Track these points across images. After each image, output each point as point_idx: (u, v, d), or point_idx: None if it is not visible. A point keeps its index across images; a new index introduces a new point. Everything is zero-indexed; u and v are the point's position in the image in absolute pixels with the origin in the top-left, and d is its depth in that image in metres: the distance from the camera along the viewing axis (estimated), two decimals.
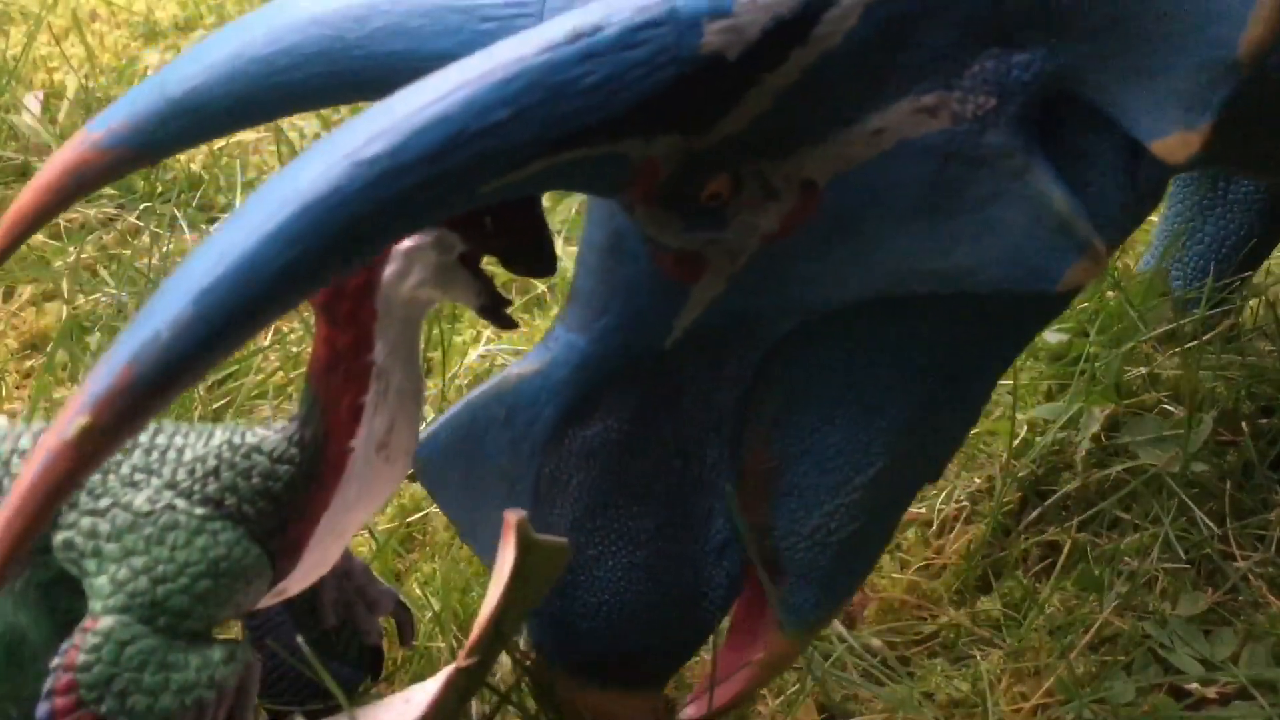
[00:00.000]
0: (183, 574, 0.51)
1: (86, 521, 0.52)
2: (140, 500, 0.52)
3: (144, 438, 0.54)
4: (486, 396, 0.57)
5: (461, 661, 0.55)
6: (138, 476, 0.53)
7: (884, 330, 0.54)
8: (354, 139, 0.44)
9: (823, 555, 0.57)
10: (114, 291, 0.95)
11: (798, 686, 0.67)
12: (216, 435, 0.54)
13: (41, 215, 0.53)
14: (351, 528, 0.55)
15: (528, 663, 0.61)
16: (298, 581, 0.56)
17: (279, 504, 0.53)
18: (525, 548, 0.54)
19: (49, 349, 0.89)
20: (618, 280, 0.54)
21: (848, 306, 0.54)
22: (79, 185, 0.53)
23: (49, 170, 0.53)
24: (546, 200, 1.07)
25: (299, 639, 0.58)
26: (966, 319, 0.55)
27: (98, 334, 0.92)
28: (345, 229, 0.43)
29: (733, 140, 0.49)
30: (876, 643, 0.70)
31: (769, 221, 0.51)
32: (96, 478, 0.52)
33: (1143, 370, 0.83)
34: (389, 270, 0.50)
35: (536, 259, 0.52)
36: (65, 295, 0.95)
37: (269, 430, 0.54)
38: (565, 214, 1.05)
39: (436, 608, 0.69)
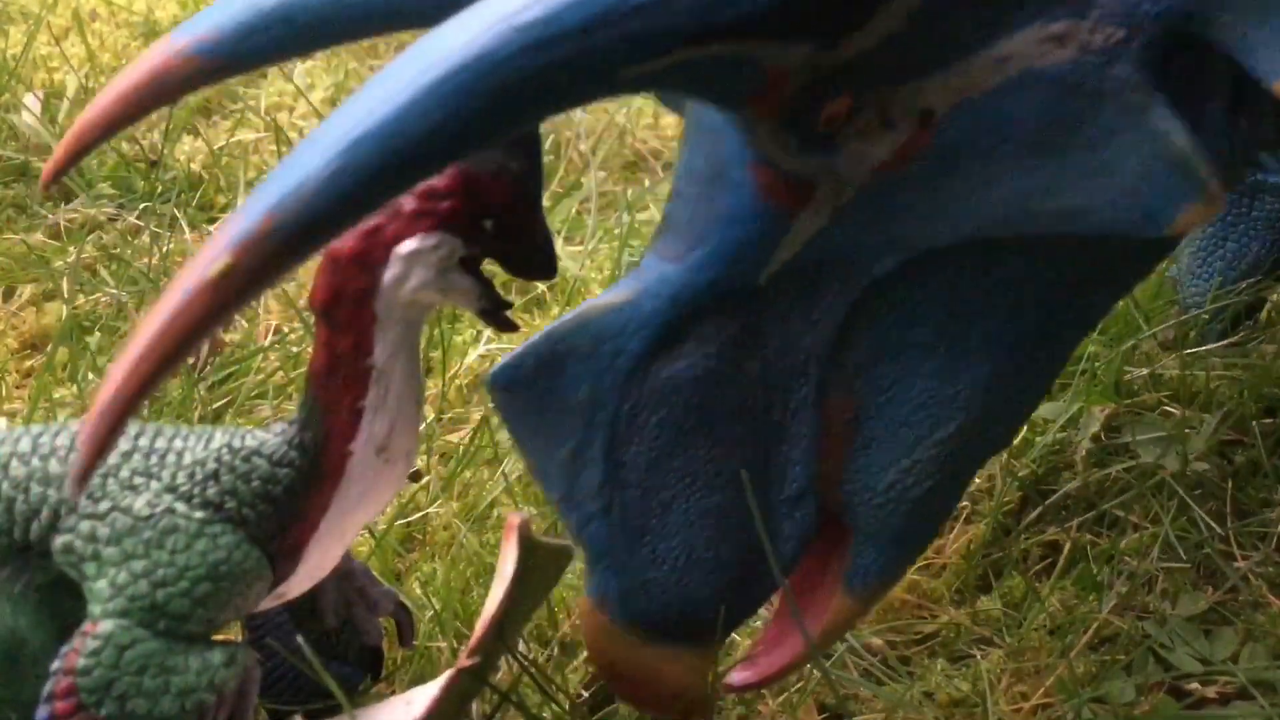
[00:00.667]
0: (183, 578, 0.51)
1: (86, 525, 0.52)
2: (140, 504, 0.52)
3: (143, 441, 0.54)
4: (570, 326, 0.55)
5: (463, 662, 0.55)
6: (137, 480, 0.53)
7: (982, 277, 0.54)
8: (511, 3, 0.43)
9: (894, 514, 0.56)
10: (114, 291, 0.95)
11: (799, 686, 0.67)
12: (216, 438, 0.54)
13: (116, 123, 0.52)
14: (352, 530, 0.55)
15: (527, 662, 0.61)
16: (299, 584, 0.56)
17: (279, 507, 0.53)
18: (528, 550, 0.54)
19: (49, 349, 0.89)
20: (718, 210, 0.53)
21: (950, 248, 0.53)
22: (157, 95, 0.51)
23: (128, 76, 0.51)
24: (546, 200, 1.07)
25: (299, 639, 0.58)
26: (1067, 266, 0.54)
27: (98, 334, 0.92)
28: (495, 94, 0.43)
29: (860, 59, 0.49)
30: (877, 642, 0.70)
31: (882, 151, 0.51)
32: (96, 480, 0.52)
33: (1144, 370, 0.83)
34: (389, 274, 0.50)
35: (537, 262, 0.52)
36: (65, 295, 0.95)
37: (268, 433, 0.54)
38: (565, 214, 1.05)
39: (437, 607, 0.69)
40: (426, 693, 0.57)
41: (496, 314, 0.52)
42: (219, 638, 0.53)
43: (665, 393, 0.54)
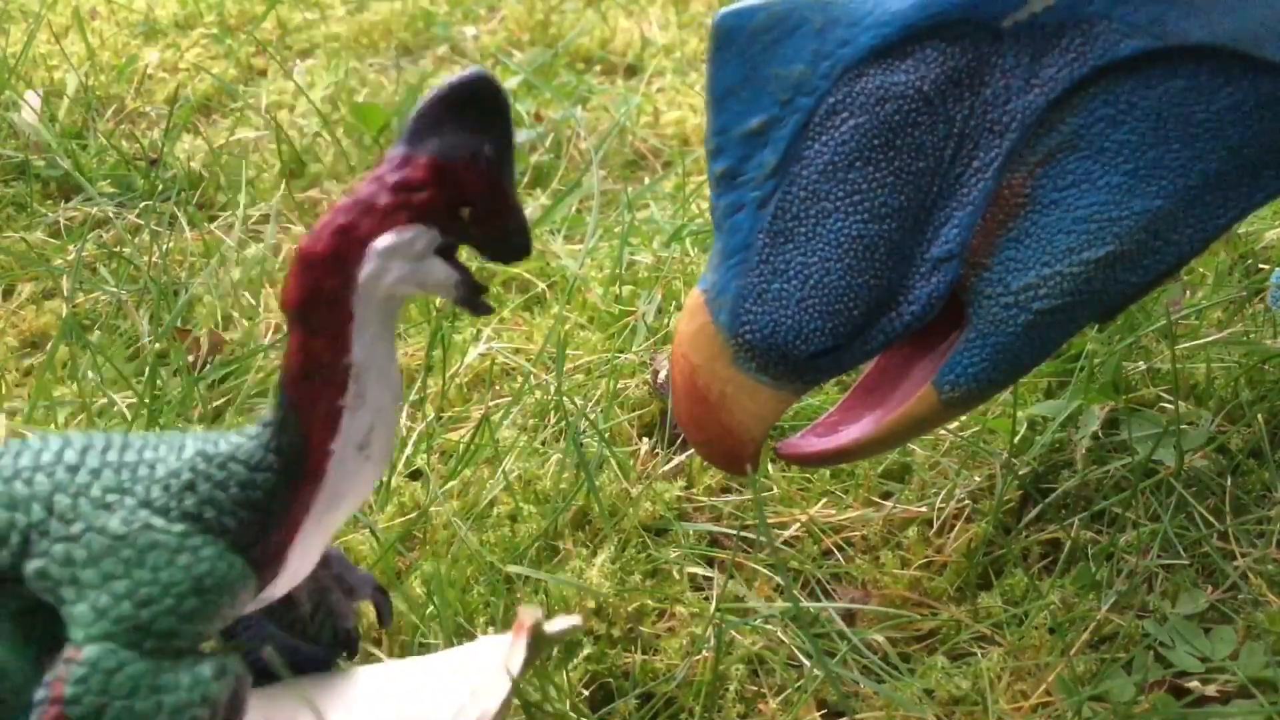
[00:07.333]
0: (167, 595, 0.49)
1: (60, 549, 0.50)
2: (115, 522, 0.50)
3: (111, 456, 0.52)
4: None
5: None
6: (110, 498, 0.51)
7: (1210, 96, 0.54)
8: None
9: (1015, 319, 0.56)
10: (114, 289, 0.95)
11: (799, 683, 0.67)
12: (189, 447, 0.52)
13: None
14: (333, 527, 0.54)
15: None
16: (283, 585, 0.54)
17: (259, 512, 0.51)
18: (537, 644, 0.55)
19: (49, 347, 0.89)
20: None
21: (1194, 52, 0.53)
22: None
23: None
24: (547, 199, 1.07)
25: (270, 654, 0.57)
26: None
27: (98, 332, 0.92)
28: None
29: None
30: (878, 639, 0.70)
31: None
32: (66, 502, 0.51)
33: (1142, 365, 0.83)
34: (366, 270, 0.49)
35: (514, 245, 0.51)
36: (65, 293, 0.95)
37: (243, 438, 0.52)
38: (565, 213, 1.05)
39: (437, 605, 0.69)
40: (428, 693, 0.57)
41: (474, 301, 0.51)
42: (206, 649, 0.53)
43: (871, 100, 0.55)
